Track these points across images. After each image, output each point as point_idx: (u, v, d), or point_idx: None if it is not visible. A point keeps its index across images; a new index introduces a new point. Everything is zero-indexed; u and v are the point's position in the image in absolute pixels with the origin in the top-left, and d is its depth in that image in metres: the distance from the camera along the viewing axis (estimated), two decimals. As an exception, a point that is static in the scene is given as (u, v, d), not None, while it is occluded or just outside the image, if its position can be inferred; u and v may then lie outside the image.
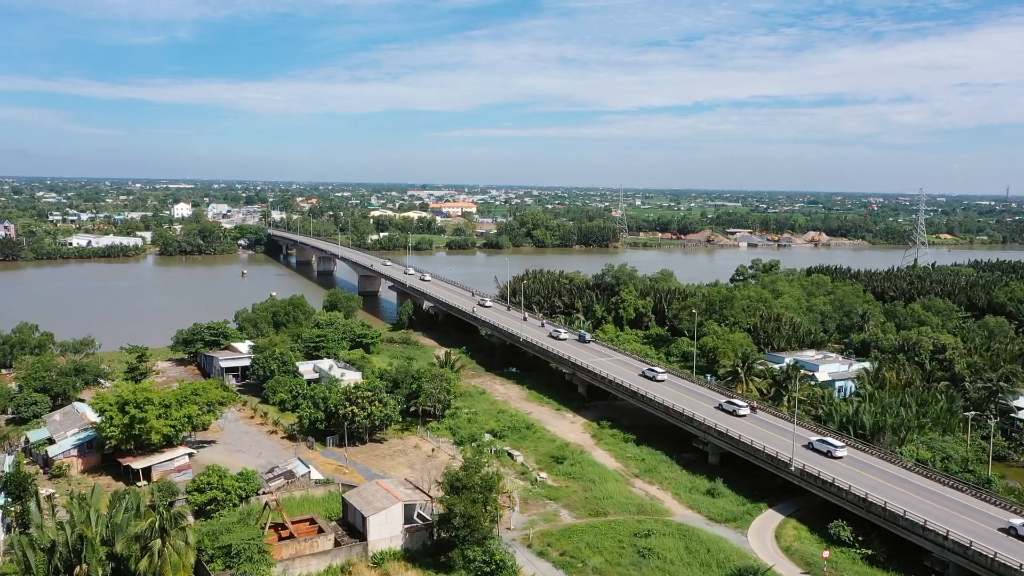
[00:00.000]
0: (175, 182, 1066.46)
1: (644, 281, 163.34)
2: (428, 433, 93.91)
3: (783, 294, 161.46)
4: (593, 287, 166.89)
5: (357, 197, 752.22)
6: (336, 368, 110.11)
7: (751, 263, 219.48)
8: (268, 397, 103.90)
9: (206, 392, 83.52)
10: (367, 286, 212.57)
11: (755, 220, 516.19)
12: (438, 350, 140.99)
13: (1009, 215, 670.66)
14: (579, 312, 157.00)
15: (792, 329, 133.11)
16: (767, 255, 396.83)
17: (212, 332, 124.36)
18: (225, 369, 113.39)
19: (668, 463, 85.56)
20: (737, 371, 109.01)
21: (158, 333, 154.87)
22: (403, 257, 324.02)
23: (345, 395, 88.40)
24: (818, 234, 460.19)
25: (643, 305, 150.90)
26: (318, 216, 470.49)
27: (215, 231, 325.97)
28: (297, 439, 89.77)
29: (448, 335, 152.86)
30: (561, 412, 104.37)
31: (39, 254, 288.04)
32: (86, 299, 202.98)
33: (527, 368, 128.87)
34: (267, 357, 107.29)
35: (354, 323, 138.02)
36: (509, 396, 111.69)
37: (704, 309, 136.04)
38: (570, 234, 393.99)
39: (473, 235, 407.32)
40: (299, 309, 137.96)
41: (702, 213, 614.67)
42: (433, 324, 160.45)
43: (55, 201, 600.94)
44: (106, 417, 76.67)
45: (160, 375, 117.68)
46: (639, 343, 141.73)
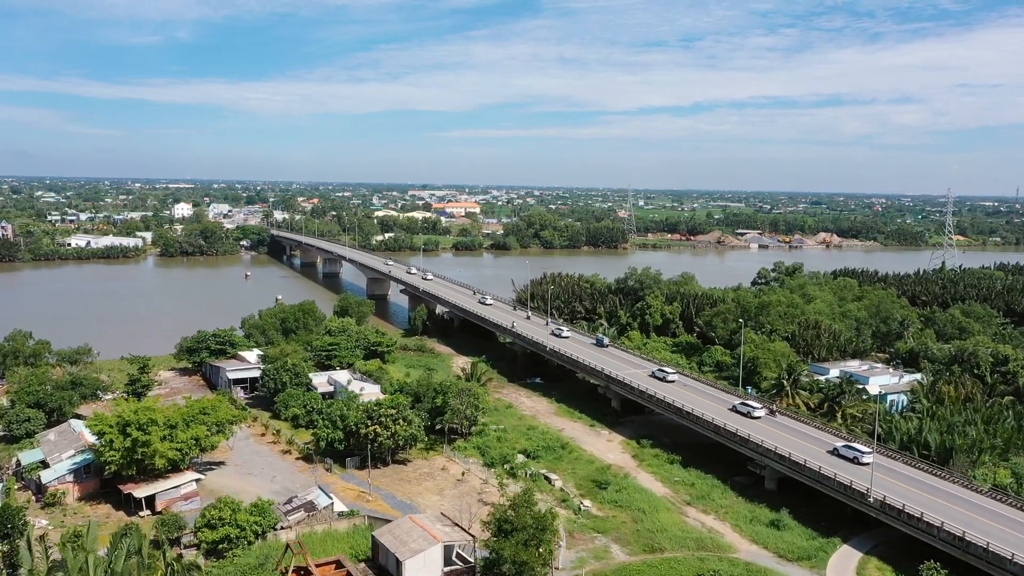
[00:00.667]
0: (175, 182, 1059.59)
1: (669, 285, 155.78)
2: (455, 453, 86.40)
3: (814, 299, 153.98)
4: (615, 291, 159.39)
5: (358, 197, 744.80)
6: (353, 380, 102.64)
7: (773, 266, 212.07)
8: (280, 412, 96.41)
9: (215, 410, 76.03)
10: (376, 289, 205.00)
11: (764, 221, 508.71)
12: (456, 358, 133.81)
13: (1016, 216, 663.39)
14: (602, 318, 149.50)
15: (832, 337, 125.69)
16: (779, 257, 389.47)
17: (218, 340, 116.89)
18: (233, 381, 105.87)
19: (721, 488, 78.09)
20: (783, 383, 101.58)
21: (160, 339, 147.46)
22: (410, 258, 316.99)
23: (366, 413, 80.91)
24: (829, 235, 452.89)
25: (670, 311, 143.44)
26: (320, 216, 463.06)
27: (217, 231, 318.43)
28: (314, 460, 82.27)
29: (464, 341, 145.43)
30: (595, 429, 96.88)
31: (37, 255, 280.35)
32: (84, 302, 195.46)
33: (551, 378, 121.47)
34: (278, 368, 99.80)
35: (367, 330, 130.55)
36: (537, 410, 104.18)
37: (738, 316, 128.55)
38: (578, 235, 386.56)
39: (479, 236, 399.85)
40: (309, 315, 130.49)
41: (708, 214, 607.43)
42: (448, 330, 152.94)
43: (54, 201, 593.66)
44: (105, 440, 69.16)
45: (163, 386, 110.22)
46: (668, 351, 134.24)
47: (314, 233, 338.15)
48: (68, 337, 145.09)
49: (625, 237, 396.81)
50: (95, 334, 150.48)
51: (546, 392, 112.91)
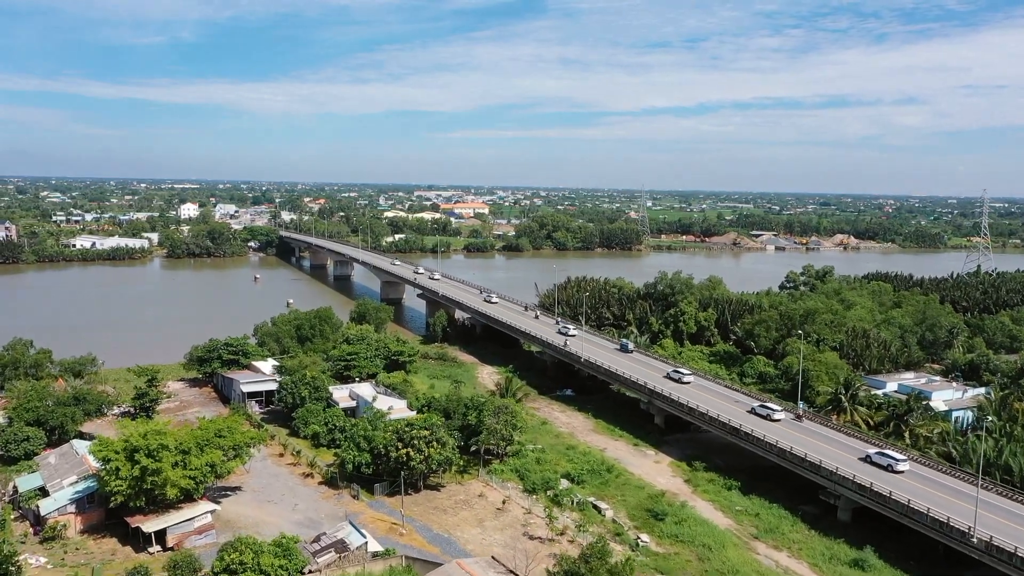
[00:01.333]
0: (180, 182, 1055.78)
1: (701, 291, 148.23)
2: (492, 477, 79.08)
3: (854, 305, 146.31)
4: (644, 297, 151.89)
5: (364, 197, 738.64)
6: (377, 395, 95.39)
7: (802, 269, 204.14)
8: (298, 429, 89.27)
9: (231, 432, 68.85)
10: (390, 293, 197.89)
11: (778, 223, 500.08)
12: (480, 368, 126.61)
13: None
14: (631, 325, 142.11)
15: (883, 348, 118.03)
16: (796, 259, 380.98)
17: (230, 350, 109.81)
18: (247, 394, 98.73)
19: (790, 520, 70.59)
20: (840, 399, 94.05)
21: (168, 346, 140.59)
22: (422, 260, 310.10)
23: (396, 435, 73.66)
24: (846, 237, 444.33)
25: (704, 318, 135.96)
26: (328, 217, 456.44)
27: (224, 232, 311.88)
28: (339, 486, 75.04)
29: (487, 349, 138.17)
30: (640, 448, 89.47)
31: (41, 256, 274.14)
32: (89, 306, 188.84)
33: (583, 390, 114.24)
34: (296, 382, 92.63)
35: (387, 338, 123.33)
36: (574, 427, 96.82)
37: (781, 324, 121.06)
38: (592, 236, 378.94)
39: (490, 237, 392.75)
40: (326, 322, 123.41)
41: (718, 215, 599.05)
42: (470, 337, 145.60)
43: (59, 201, 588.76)
44: (111, 468, 62.03)
45: (172, 399, 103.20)
46: (705, 360, 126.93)
47: (323, 234, 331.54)
48: (71, 345, 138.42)
49: (639, 238, 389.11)
50: (100, 341, 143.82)
51: (581, 406, 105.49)
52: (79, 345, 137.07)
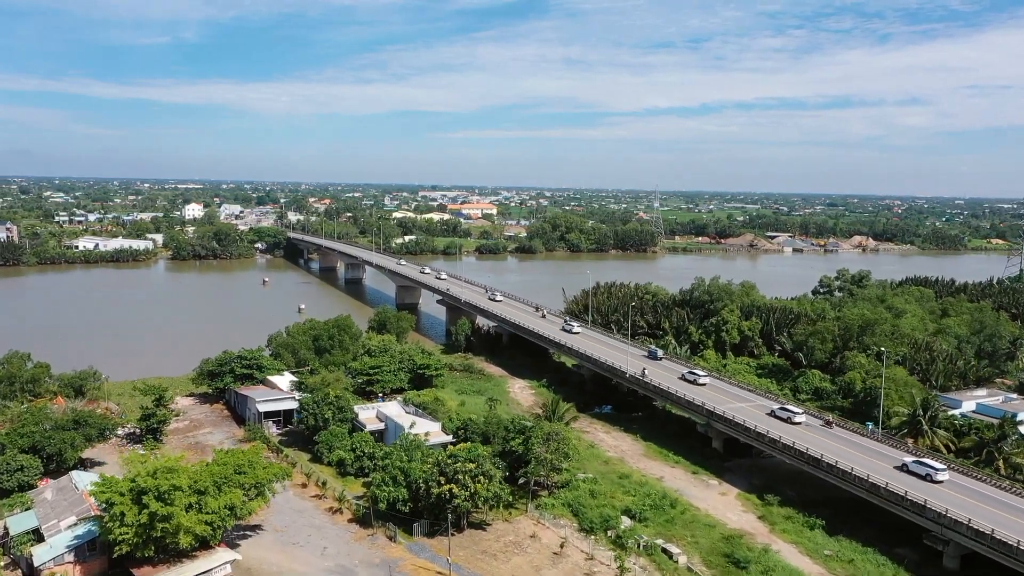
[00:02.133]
0: (183, 182, 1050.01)
1: (741, 297, 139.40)
2: (542, 513, 70.36)
3: (904, 313, 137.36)
4: (681, 304, 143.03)
5: (368, 198, 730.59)
6: (404, 414, 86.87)
7: (837, 273, 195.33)
8: (321, 455, 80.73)
9: (252, 467, 60.19)
10: (406, 298, 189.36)
11: (792, 224, 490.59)
12: (511, 381, 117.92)
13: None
14: (668, 334, 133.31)
15: (949, 361, 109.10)
16: (814, 261, 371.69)
17: (244, 363, 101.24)
18: (264, 414, 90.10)
19: (891, 568, 61.69)
20: (918, 421, 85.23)
21: (175, 357, 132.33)
22: (434, 262, 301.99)
23: (437, 467, 65.02)
24: (864, 239, 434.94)
25: (748, 327, 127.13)
26: (335, 217, 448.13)
27: (231, 234, 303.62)
28: (372, 525, 66.37)
29: (515, 360, 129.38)
30: (700, 477, 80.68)
31: (42, 258, 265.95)
32: (92, 313, 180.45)
33: (623, 406, 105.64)
34: (319, 402, 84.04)
35: (411, 349, 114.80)
36: (623, 451, 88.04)
37: (838, 334, 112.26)
38: (605, 238, 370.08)
39: (501, 238, 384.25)
40: (345, 332, 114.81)
41: (728, 216, 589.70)
42: (496, 346, 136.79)
43: (62, 201, 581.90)
44: (115, 513, 53.49)
45: (181, 417, 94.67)
46: (751, 374, 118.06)
47: (332, 235, 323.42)
48: (73, 356, 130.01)
49: (654, 240, 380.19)
50: (103, 351, 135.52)
51: (626, 426, 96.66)
52: (81, 356, 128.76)
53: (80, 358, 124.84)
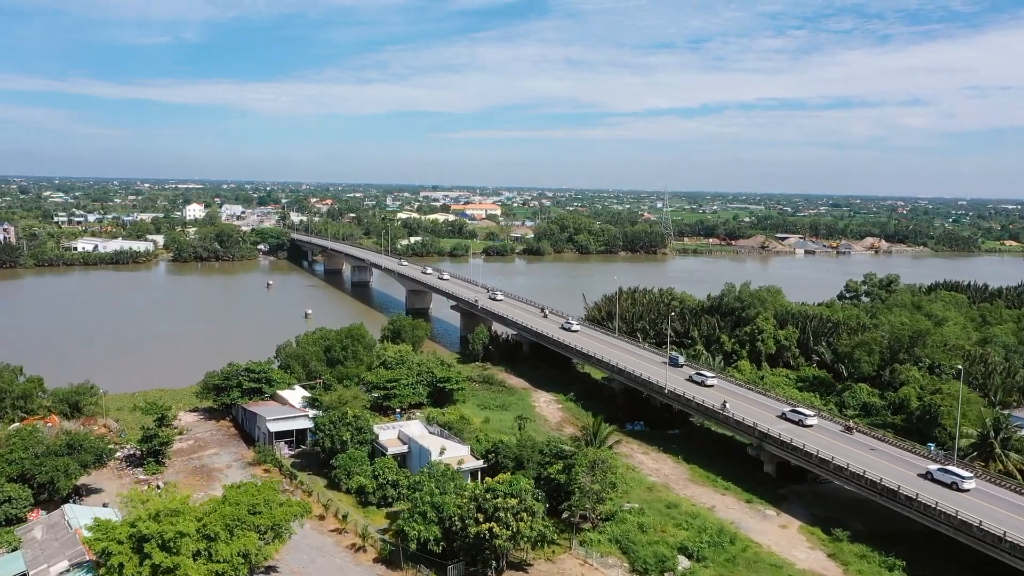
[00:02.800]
0: (184, 182, 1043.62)
1: (775, 303, 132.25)
2: (588, 551, 63.27)
3: (945, 321, 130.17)
4: (710, 311, 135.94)
5: (370, 198, 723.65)
6: (428, 435, 79.83)
7: (864, 277, 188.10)
8: (339, 481, 73.66)
9: (269, 506, 53.11)
10: (416, 303, 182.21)
11: (801, 225, 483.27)
12: (535, 394, 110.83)
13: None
14: (698, 343, 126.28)
15: (1006, 374, 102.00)
16: (827, 263, 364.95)
17: (252, 377, 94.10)
18: (275, 434, 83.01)
19: (990, 620, 54.75)
20: (990, 443, 78.17)
21: (178, 367, 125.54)
22: (440, 263, 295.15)
23: (475, 503, 57.96)
24: (877, 240, 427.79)
25: (784, 336, 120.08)
26: (337, 218, 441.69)
27: (233, 235, 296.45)
28: (402, 566, 59.28)
29: (538, 371, 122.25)
30: (755, 506, 73.57)
31: (40, 260, 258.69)
32: (90, 318, 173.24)
33: (657, 422, 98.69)
34: (336, 422, 76.95)
35: (430, 361, 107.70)
36: (666, 475, 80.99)
37: (887, 345, 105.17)
38: (614, 239, 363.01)
39: (508, 240, 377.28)
40: (358, 342, 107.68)
41: (734, 216, 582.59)
42: (516, 356, 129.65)
43: (62, 201, 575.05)
44: (113, 564, 46.41)
45: (185, 436, 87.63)
46: (791, 387, 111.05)
47: (337, 237, 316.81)
48: (68, 366, 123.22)
49: (664, 242, 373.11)
50: (101, 360, 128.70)
51: (664, 446, 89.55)
52: (77, 367, 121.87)
53: (76, 369, 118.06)
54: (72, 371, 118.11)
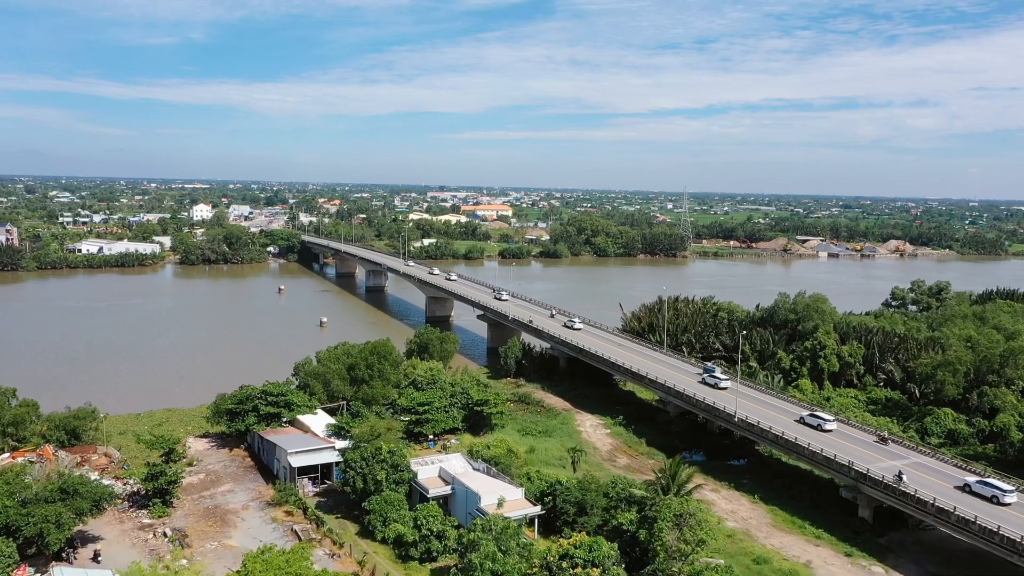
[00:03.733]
0: (190, 182, 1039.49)
1: (833, 315, 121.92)
2: (676, 623, 53.09)
3: (1018, 335, 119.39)
4: (761, 323, 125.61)
5: (378, 198, 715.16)
6: (472, 471, 69.85)
7: (911, 285, 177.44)
8: (374, 528, 63.64)
9: None
10: (437, 310, 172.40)
11: (821, 227, 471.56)
12: (578, 416, 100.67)
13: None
14: (751, 358, 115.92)
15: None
16: (851, 266, 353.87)
17: (270, 400, 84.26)
18: (298, 469, 73.09)
19: None
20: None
21: (187, 383, 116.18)
22: (455, 267, 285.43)
23: (546, 572, 47.90)
24: (901, 243, 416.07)
25: (848, 352, 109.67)
26: (346, 219, 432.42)
27: (242, 237, 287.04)
28: (457, 648, 49.30)
29: (577, 389, 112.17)
30: (856, 561, 63.17)
31: (43, 263, 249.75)
32: (92, 328, 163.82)
33: (717, 451, 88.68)
34: (369, 458, 67.01)
35: (465, 381, 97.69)
36: (745, 519, 70.70)
37: (973, 364, 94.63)
38: (633, 242, 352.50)
39: (523, 241, 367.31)
40: (384, 359, 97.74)
41: (749, 218, 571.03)
42: (552, 371, 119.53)
43: (67, 201, 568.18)
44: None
45: (195, 467, 77.82)
46: (862, 410, 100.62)
47: (349, 239, 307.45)
48: (68, 383, 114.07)
49: (684, 245, 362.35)
50: (103, 375, 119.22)
51: (734, 481, 79.32)
52: (77, 383, 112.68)
53: (76, 386, 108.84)
54: (72, 388, 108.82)
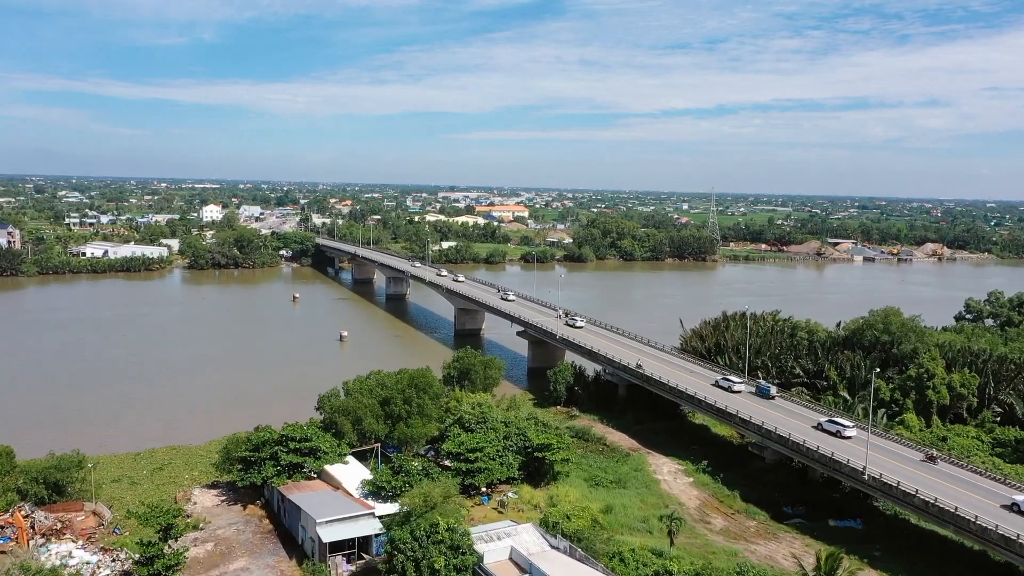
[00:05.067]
0: (200, 182, 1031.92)
1: (932, 336, 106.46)
2: None
3: None
4: (846, 343, 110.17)
5: (389, 199, 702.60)
6: (549, 550, 55.01)
7: (988, 296, 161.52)
8: (431, 632, 48.92)
9: None
10: (467, 323, 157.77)
11: (852, 229, 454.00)
12: (651, 460, 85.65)
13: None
14: (840, 387, 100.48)
15: None
16: (887, 271, 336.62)
17: (292, 448, 69.69)
18: (330, 544, 58.38)
19: None
20: None
21: (192, 412, 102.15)
22: (476, 272, 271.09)
23: None
24: (939, 246, 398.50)
25: (960, 381, 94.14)
26: (360, 220, 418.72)
27: (253, 240, 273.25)
28: None
29: (642, 423, 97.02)
30: None
31: (44, 268, 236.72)
32: (90, 344, 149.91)
33: (820, 505, 73.58)
34: (423, 538, 52.27)
35: (521, 420, 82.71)
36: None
37: None
38: (661, 245, 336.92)
39: (544, 244, 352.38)
40: (424, 392, 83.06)
41: (770, 219, 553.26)
42: (608, 399, 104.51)
43: (76, 201, 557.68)
44: None
45: (200, 533, 63.30)
46: (986, 452, 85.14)
47: (365, 242, 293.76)
48: (54, 414, 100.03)
49: (713, 248, 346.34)
50: (96, 405, 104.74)
51: (859, 551, 63.94)
52: (68, 416, 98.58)
53: (66, 420, 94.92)
54: (62, 422, 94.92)
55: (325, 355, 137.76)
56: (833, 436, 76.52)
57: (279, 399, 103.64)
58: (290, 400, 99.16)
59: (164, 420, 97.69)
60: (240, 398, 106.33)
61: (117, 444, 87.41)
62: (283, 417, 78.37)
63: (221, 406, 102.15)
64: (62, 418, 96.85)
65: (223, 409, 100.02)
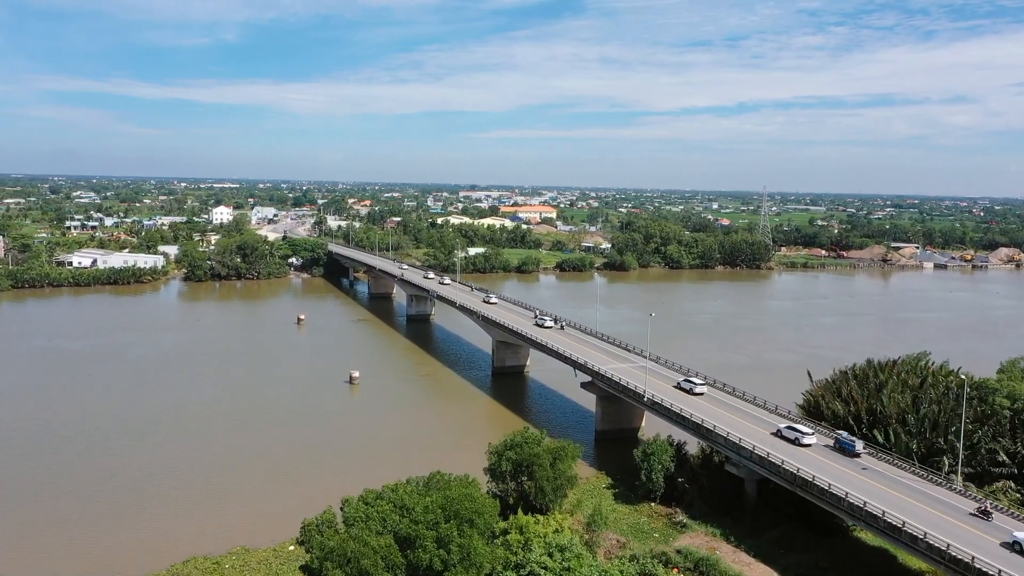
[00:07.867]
0: (220, 181, 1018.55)
1: None
2: None
3: None
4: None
5: (409, 198, 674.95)
6: None
7: None
8: None
9: None
10: (507, 358, 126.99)
11: (915, 232, 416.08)
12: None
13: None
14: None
15: None
16: (962, 280, 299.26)
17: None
18: None
19: None
20: None
21: (182, 487, 71.56)
22: (506, 282, 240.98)
23: None
24: (1015, 251, 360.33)
25: None
26: (378, 222, 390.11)
27: (259, 247, 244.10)
28: None
29: (784, 538, 65.37)
30: None
31: (19, 281, 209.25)
32: (51, 392, 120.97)
33: None
34: None
35: (613, 569, 51.27)
36: None
37: None
38: (710, 251, 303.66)
39: (578, 249, 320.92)
40: (471, 524, 51.95)
41: (810, 220, 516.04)
42: (736, 499, 72.68)
43: (88, 201, 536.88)
44: None
45: None
46: None
47: (384, 247, 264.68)
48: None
49: (767, 254, 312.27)
50: (60, 491, 74.05)
51: None
52: (18, 512, 68.02)
53: (14, 523, 65.04)
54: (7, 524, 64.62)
55: (328, 405, 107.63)
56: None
57: (252, 493, 73.03)
58: (268, 495, 68.70)
59: (142, 495, 67.33)
60: (214, 486, 75.69)
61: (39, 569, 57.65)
62: (250, 531, 47.80)
63: (192, 497, 71.53)
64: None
65: (193, 503, 69.49)
